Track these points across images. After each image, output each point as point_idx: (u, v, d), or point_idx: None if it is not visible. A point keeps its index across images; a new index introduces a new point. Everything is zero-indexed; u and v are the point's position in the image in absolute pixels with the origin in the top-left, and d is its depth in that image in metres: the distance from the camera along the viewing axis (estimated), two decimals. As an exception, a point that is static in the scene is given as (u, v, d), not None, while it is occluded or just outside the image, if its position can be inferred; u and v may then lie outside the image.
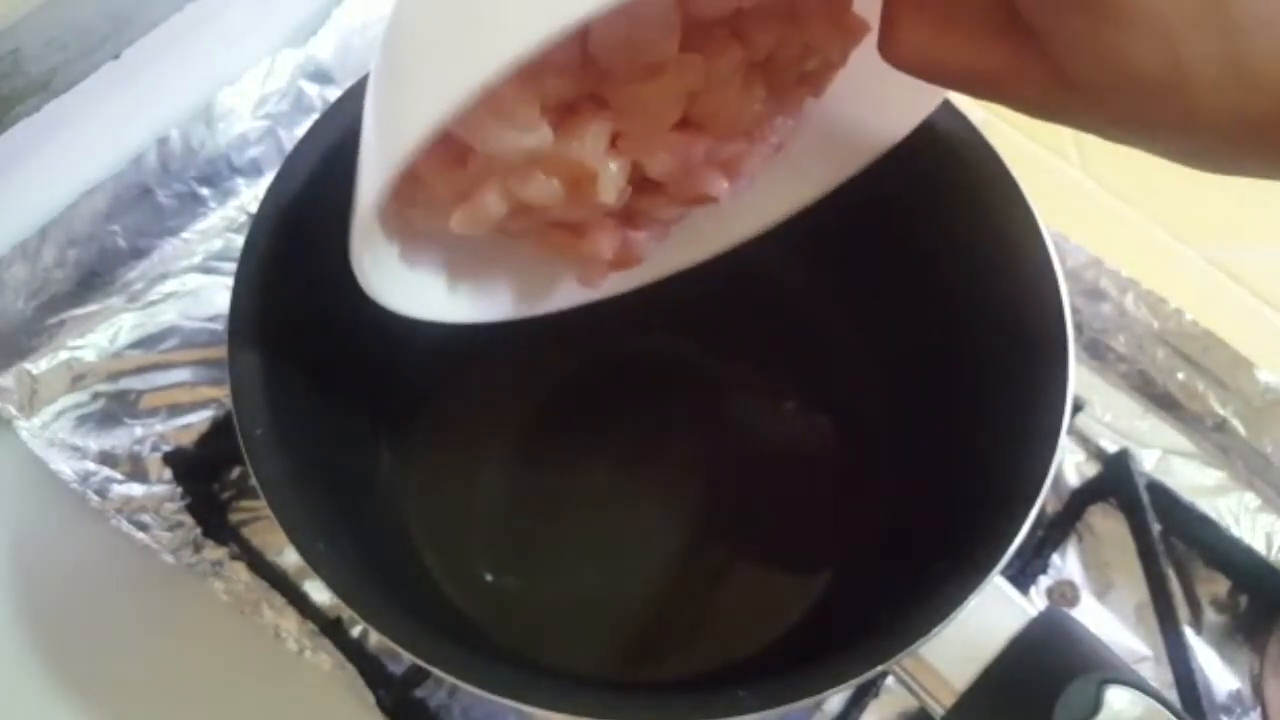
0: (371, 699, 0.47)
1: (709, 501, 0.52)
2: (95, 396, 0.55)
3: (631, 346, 0.55)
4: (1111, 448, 0.56)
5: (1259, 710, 0.50)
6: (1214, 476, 0.56)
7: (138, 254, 0.59)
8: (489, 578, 0.50)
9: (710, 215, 0.42)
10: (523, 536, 0.51)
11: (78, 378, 0.55)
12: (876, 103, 0.40)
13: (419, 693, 0.48)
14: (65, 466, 0.52)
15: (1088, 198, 0.64)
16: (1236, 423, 0.56)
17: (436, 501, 0.52)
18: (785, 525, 0.51)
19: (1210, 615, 0.53)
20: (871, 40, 0.34)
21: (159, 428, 0.54)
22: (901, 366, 0.50)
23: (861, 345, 0.54)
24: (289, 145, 0.60)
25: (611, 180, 0.34)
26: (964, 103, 0.45)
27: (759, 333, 0.56)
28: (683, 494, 0.52)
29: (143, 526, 0.51)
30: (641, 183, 0.36)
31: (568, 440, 0.54)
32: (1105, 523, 0.54)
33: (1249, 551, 0.53)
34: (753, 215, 0.43)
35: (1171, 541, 0.54)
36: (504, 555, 0.51)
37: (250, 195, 0.61)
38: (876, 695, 0.49)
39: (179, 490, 0.52)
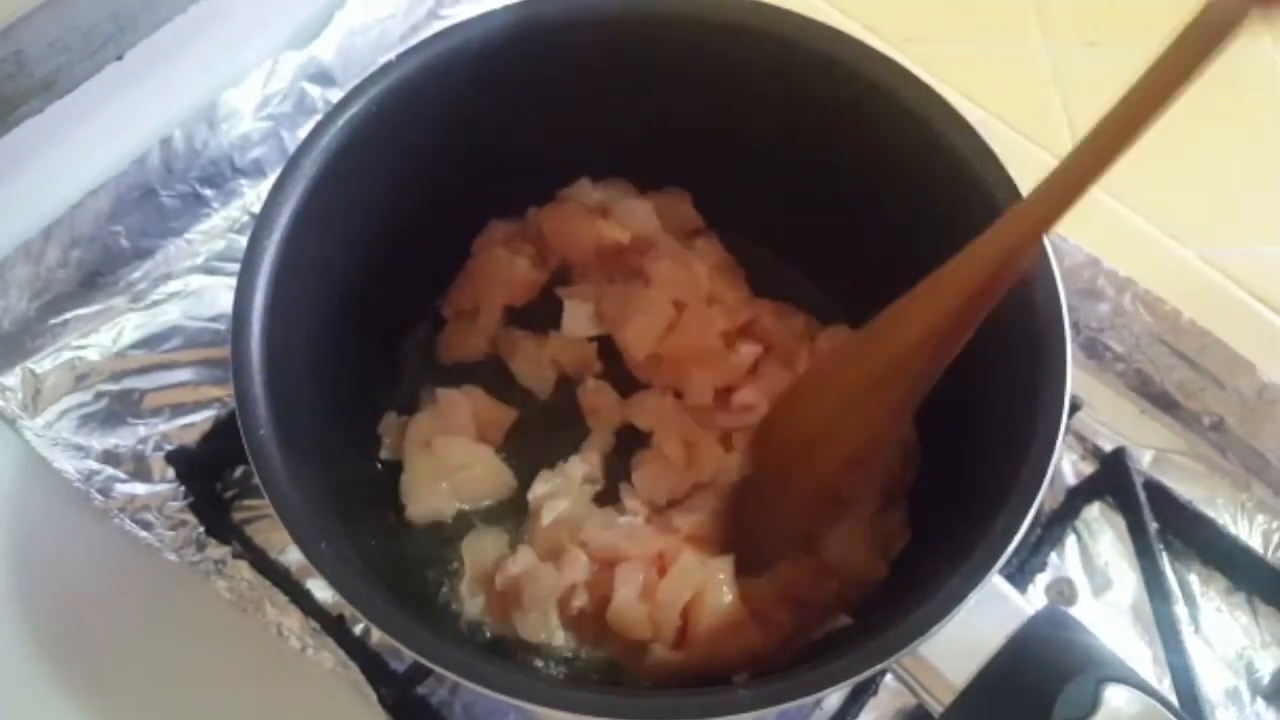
0: (373, 696, 0.47)
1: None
2: (98, 396, 0.55)
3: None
4: (1109, 446, 0.56)
5: (1256, 708, 0.50)
6: (1211, 475, 0.56)
7: (141, 254, 0.59)
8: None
9: None
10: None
11: (81, 377, 0.55)
12: None
13: (420, 690, 0.49)
14: (69, 466, 0.52)
15: (1085, 197, 0.64)
16: (1233, 422, 0.56)
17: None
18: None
19: (1207, 613, 0.53)
20: None
21: (162, 427, 0.55)
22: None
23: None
24: (291, 146, 0.60)
25: None
26: (962, 102, 0.45)
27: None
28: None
29: (146, 525, 0.51)
30: None
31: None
32: (1103, 521, 0.55)
33: (1246, 550, 0.53)
34: None
35: (1169, 540, 0.54)
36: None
37: (253, 196, 0.61)
38: (875, 693, 0.49)
39: (182, 489, 0.52)
